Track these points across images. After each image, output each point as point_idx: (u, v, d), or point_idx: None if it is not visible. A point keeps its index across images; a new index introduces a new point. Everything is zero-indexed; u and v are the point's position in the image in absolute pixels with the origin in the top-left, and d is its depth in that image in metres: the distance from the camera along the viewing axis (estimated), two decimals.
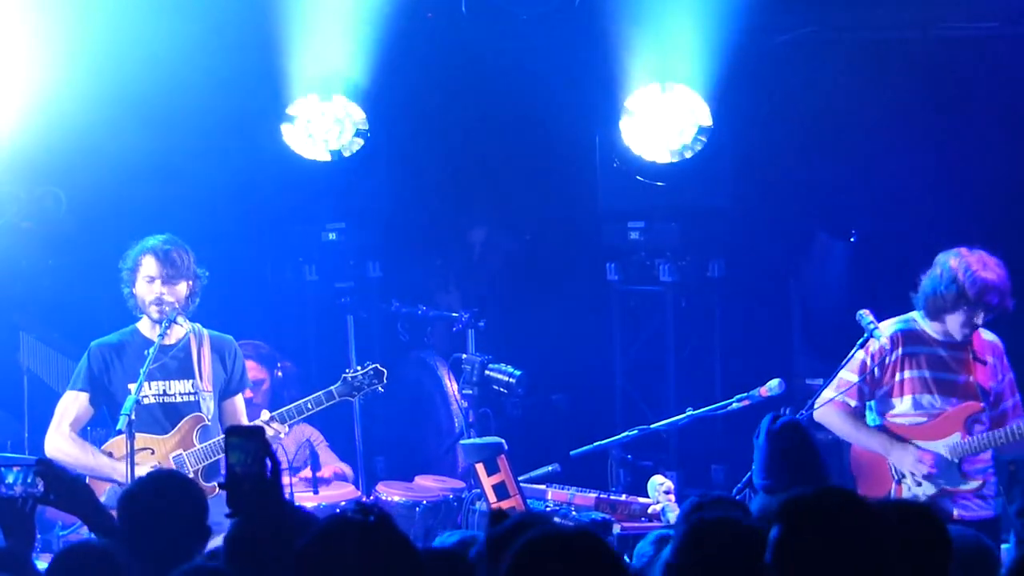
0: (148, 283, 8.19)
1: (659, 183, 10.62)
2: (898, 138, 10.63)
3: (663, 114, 10.49)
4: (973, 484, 8.11)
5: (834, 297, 10.53)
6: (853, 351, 8.12)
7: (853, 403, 8.19)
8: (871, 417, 8.27)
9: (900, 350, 8.18)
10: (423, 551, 4.69)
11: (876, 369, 8.16)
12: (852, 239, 10.85)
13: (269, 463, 4.30)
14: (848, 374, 8.24)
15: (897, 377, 8.18)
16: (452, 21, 10.52)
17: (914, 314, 8.27)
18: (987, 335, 8.29)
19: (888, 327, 8.24)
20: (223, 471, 4.40)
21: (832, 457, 8.14)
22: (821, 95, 10.63)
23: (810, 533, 3.90)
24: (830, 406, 8.20)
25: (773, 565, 3.89)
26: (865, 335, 8.09)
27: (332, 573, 3.87)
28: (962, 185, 10.51)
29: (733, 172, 10.71)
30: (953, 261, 8.15)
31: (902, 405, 8.17)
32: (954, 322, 8.13)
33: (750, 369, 9.28)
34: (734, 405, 8.65)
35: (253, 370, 10.10)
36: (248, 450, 4.30)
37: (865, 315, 8.13)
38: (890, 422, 8.22)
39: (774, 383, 8.47)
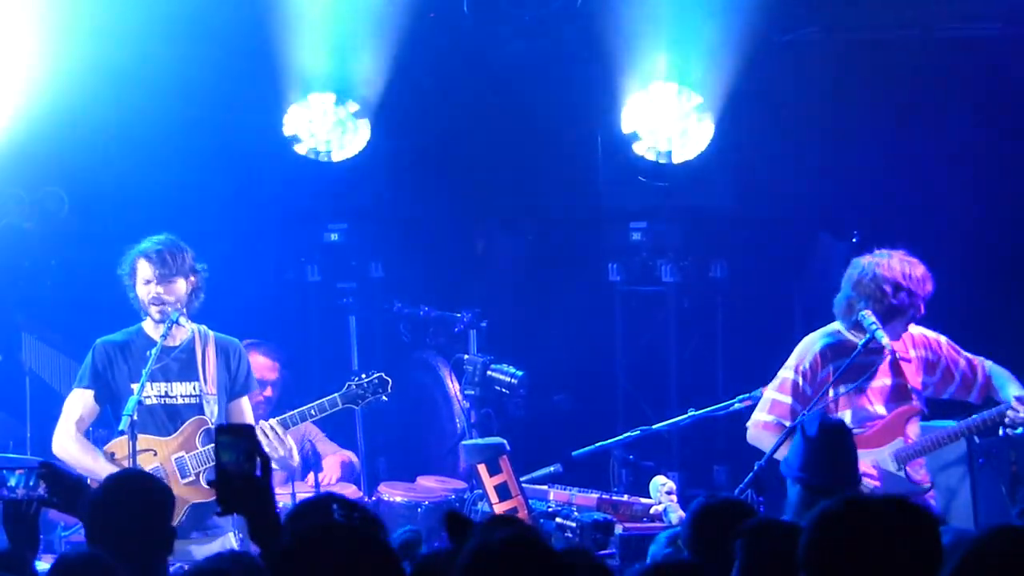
0: (145, 285, 8.20)
1: (661, 183, 10.63)
2: (900, 138, 10.63)
3: (665, 114, 10.50)
4: (924, 488, 8.06)
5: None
6: (848, 360, 8.05)
7: (788, 423, 7.98)
8: None
9: (831, 366, 8.04)
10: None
11: (808, 388, 8.08)
12: (854, 240, 10.82)
13: (260, 461, 4.29)
14: (779, 395, 8.11)
15: (831, 393, 8.00)
16: (454, 21, 10.52)
17: (836, 324, 8.17)
18: (915, 330, 8.18)
19: (816, 341, 8.17)
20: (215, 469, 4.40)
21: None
22: (823, 96, 10.63)
23: (841, 544, 3.87)
24: (761, 429, 8.10)
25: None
26: (867, 336, 8.05)
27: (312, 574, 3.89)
28: (964, 186, 10.51)
29: (735, 173, 10.73)
30: (888, 271, 8.02)
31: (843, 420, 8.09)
32: (891, 327, 8.03)
33: (752, 369, 9.27)
34: (736, 406, 8.65)
35: (266, 368, 10.10)
36: (239, 448, 4.29)
37: (867, 316, 8.06)
38: None
39: None
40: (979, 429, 8.04)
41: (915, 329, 8.20)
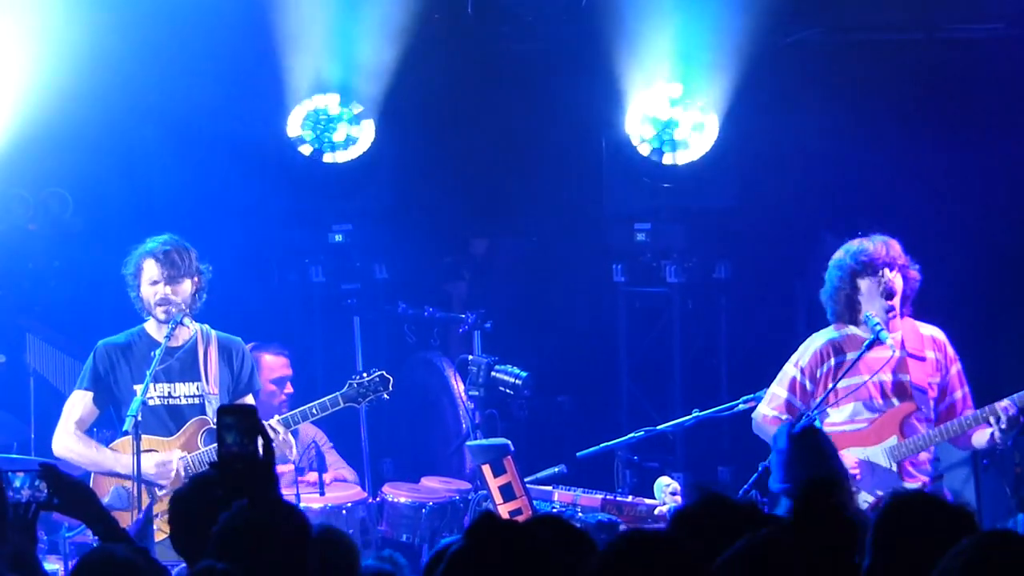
0: (151, 286, 8.20)
1: (665, 184, 10.63)
2: (903, 139, 10.63)
3: (669, 115, 10.50)
4: (914, 485, 8.06)
5: None
6: (859, 353, 8.07)
7: (785, 417, 8.07)
8: None
9: (832, 360, 8.10)
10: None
11: (807, 383, 8.12)
12: None
13: (262, 442, 4.26)
14: (778, 389, 8.23)
15: (832, 386, 8.08)
16: (458, 22, 10.52)
17: (832, 322, 8.26)
18: (925, 329, 8.23)
19: (818, 337, 8.23)
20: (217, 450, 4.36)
21: None
22: (826, 97, 10.62)
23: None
24: (762, 421, 8.23)
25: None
26: (871, 336, 8.06)
27: None
28: (967, 186, 10.51)
29: (739, 173, 10.71)
30: (835, 256, 8.24)
31: (840, 415, 8.11)
32: (872, 306, 8.10)
33: (756, 370, 9.26)
34: (740, 406, 8.64)
35: (281, 366, 10.10)
36: (242, 429, 4.26)
37: (872, 316, 8.10)
38: (828, 432, 8.10)
39: None
40: (973, 423, 8.02)
41: (939, 335, 8.24)
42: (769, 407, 8.24)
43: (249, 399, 8.33)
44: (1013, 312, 10.67)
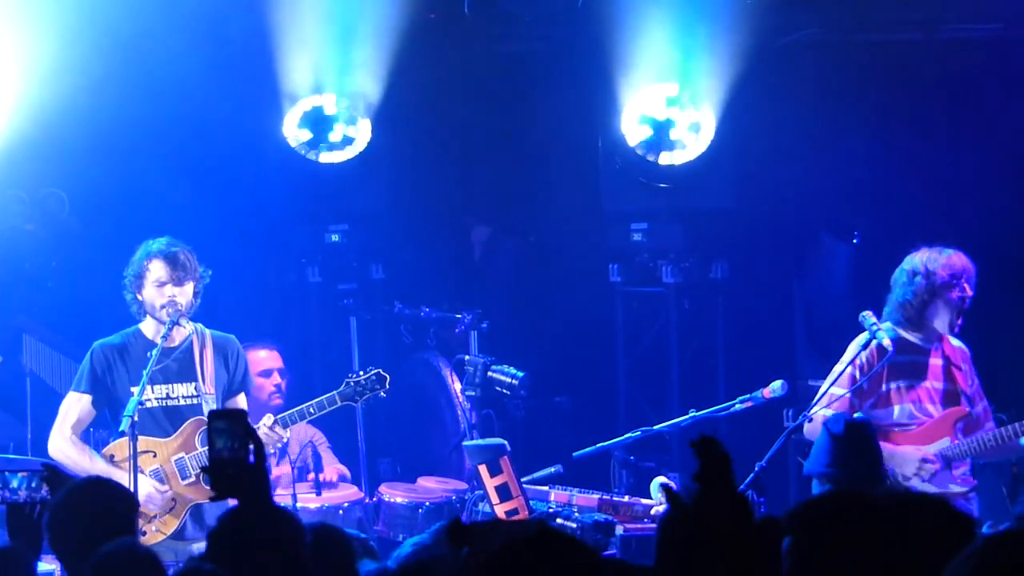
0: (158, 287, 8.18)
1: (662, 184, 10.63)
2: (901, 139, 10.63)
3: (666, 115, 10.50)
4: (963, 488, 8.07)
5: (837, 298, 10.52)
6: (855, 354, 8.07)
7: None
8: None
9: (886, 360, 8.05)
10: None
11: (864, 381, 8.10)
12: (855, 240, 10.84)
13: (253, 446, 4.27)
14: (836, 389, 8.13)
15: (883, 387, 8.10)
16: (455, 22, 10.52)
17: (891, 323, 8.25)
18: (955, 342, 8.27)
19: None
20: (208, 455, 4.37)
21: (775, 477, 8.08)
22: (825, 97, 10.63)
23: (821, 540, 3.84)
24: (821, 423, 8.12)
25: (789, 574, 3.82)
26: (868, 336, 8.07)
27: None
28: (966, 186, 10.51)
29: (736, 174, 10.72)
30: (914, 261, 8.19)
31: (892, 416, 8.12)
32: (941, 317, 8.12)
33: (753, 370, 9.27)
34: (737, 406, 8.62)
35: (272, 359, 10.11)
36: (234, 434, 4.27)
37: (868, 316, 8.11)
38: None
39: (777, 384, 8.44)
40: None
41: (965, 348, 8.30)
42: (828, 408, 8.06)
43: (241, 398, 8.33)
44: (1015, 312, 10.67)
